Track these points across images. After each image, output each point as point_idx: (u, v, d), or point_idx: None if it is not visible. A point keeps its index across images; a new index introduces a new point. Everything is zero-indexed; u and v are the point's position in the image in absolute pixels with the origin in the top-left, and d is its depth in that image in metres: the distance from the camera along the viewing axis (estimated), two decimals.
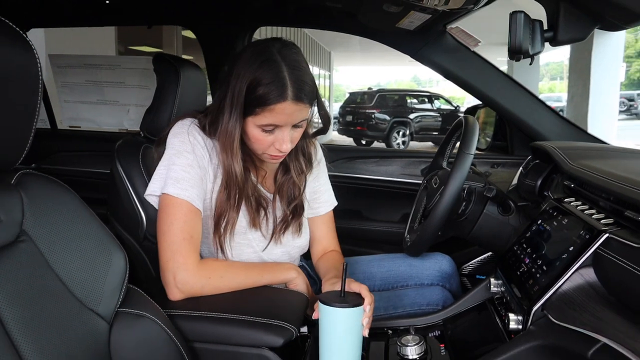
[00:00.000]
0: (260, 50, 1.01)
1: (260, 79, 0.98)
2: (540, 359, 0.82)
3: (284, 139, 1.03)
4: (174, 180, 1.03)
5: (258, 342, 0.93)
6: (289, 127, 1.04)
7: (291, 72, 0.98)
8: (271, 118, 1.00)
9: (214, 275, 1.04)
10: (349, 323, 0.92)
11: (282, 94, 0.98)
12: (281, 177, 1.18)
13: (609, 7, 0.85)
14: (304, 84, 1.00)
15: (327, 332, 0.93)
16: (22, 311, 0.70)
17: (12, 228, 0.74)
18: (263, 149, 1.06)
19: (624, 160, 1.16)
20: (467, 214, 1.26)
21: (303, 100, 1.00)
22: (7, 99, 0.68)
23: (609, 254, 0.78)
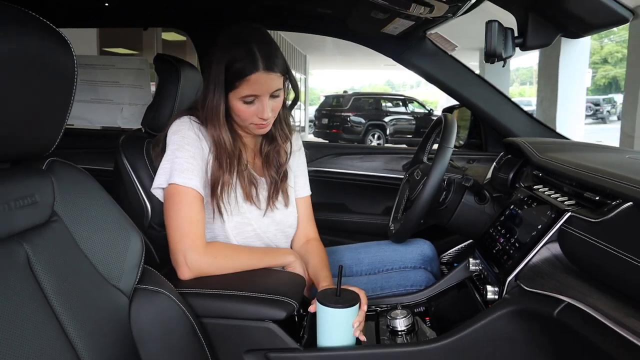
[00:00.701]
0: (232, 35, 1.15)
1: (235, 56, 1.12)
2: (515, 322, 0.94)
3: (264, 107, 1.15)
4: (179, 172, 1.12)
5: (263, 315, 1.02)
6: (267, 97, 1.16)
7: (260, 47, 1.12)
8: (248, 89, 1.13)
9: (220, 255, 1.13)
10: (344, 321, 1.03)
11: (255, 65, 1.11)
12: (267, 146, 1.29)
13: (570, 18, 0.98)
14: (273, 56, 1.14)
15: (323, 330, 1.04)
16: (59, 283, 0.78)
17: (45, 209, 0.82)
18: (248, 120, 1.18)
19: (584, 152, 1.30)
20: (447, 203, 1.38)
21: (274, 69, 1.13)
22: (47, 92, 0.76)
23: (572, 230, 0.91)
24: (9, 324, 0.67)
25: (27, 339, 0.69)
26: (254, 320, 1.04)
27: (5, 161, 0.79)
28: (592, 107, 19.93)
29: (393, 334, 1.12)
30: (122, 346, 0.86)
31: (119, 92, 2.14)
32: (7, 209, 0.74)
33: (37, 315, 0.72)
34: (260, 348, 1.04)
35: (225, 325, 1.04)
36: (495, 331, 0.95)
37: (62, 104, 0.81)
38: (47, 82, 0.75)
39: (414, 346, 1.02)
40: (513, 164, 1.43)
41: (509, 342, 0.95)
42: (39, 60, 0.72)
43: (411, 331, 1.12)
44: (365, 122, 12.27)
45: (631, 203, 0.81)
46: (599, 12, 0.93)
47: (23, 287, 0.72)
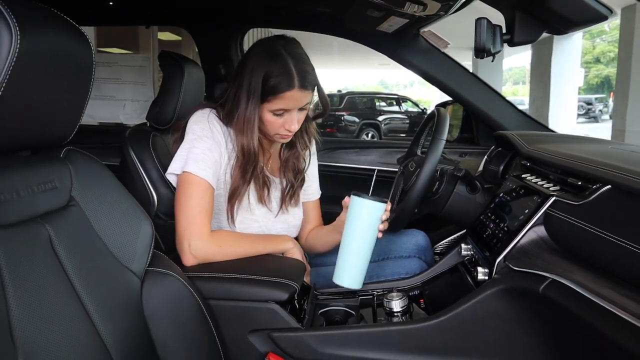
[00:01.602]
0: (268, 47, 1.19)
1: (271, 72, 1.15)
2: (503, 300, 1.00)
3: (293, 121, 1.21)
4: (194, 161, 1.17)
5: (266, 297, 1.08)
6: (296, 110, 1.22)
7: (296, 64, 1.17)
8: (282, 104, 1.18)
9: (224, 244, 1.19)
10: (372, 215, 1.13)
11: (290, 84, 1.16)
12: (287, 152, 1.36)
13: (553, 15, 1.05)
14: (307, 74, 1.18)
15: (353, 220, 1.14)
16: (78, 262, 0.83)
17: (64, 194, 0.87)
18: (275, 131, 1.24)
19: (569, 143, 1.36)
20: (440, 192, 1.44)
21: (307, 87, 1.18)
22: (68, 85, 0.82)
23: (556, 213, 0.97)
24: (38, 298, 0.73)
25: (53, 312, 0.74)
26: (258, 302, 1.09)
27: (27, 149, 0.84)
28: (584, 106, 20.04)
29: (390, 315, 1.18)
30: (134, 324, 0.92)
31: (121, 89, 2.19)
32: (31, 193, 0.79)
33: (61, 291, 0.78)
34: (263, 328, 1.10)
35: (230, 307, 1.10)
36: (485, 309, 1.01)
37: (81, 96, 0.86)
38: (68, 75, 0.81)
39: (409, 324, 1.08)
40: (503, 157, 1.50)
41: (498, 319, 1.01)
42: (62, 55, 0.77)
43: (407, 312, 1.18)
44: (359, 121, 12.33)
45: (610, 186, 0.87)
46: (580, 10, 0.99)
47: (47, 265, 0.78)
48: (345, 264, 1.16)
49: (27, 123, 0.77)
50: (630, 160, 1.05)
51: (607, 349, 0.78)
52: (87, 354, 0.77)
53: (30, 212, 0.78)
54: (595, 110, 20.66)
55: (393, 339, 1.06)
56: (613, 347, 0.73)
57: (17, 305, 0.69)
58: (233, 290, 1.10)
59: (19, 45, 0.67)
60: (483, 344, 1.03)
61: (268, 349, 1.09)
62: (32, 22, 0.71)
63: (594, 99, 21.50)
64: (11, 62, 0.67)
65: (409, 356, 1.05)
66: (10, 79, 0.67)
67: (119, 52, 6.61)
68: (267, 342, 1.10)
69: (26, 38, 0.68)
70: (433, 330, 1.04)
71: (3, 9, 0.67)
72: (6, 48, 0.67)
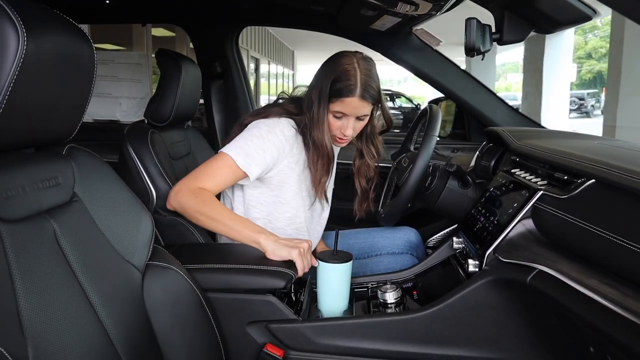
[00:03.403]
0: (345, 59, 1.31)
1: (340, 77, 1.28)
2: (493, 290, 1.04)
3: (348, 126, 1.33)
4: (245, 154, 1.26)
5: (264, 285, 1.11)
6: (353, 118, 1.32)
7: (362, 76, 1.28)
8: (341, 107, 1.30)
9: (201, 197, 1.23)
10: (341, 275, 1.17)
11: (352, 91, 1.27)
12: (358, 161, 1.49)
13: (541, 15, 1.09)
14: (370, 88, 1.29)
15: (324, 282, 1.16)
16: (82, 256, 0.86)
17: (67, 190, 0.89)
18: (333, 133, 1.36)
19: (557, 139, 1.40)
20: (433, 187, 1.48)
21: (367, 99, 1.29)
22: (70, 84, 0.84)
23: (543, 206, 1.01)
24: (45, 290, 0.75)
25: (60, 305, 0.77)
26: (255, 294, 1.12)
27: (31, 147, 0.86)
28: (576, 101, 20.15)
29: (383, 306, 1.21)
30: (136, 316, 0.94)
31: (117, 86, 2.21)
32: (36, 189, 0.82)
33: (66, 284, 0.81)
34: (261, 320, 1.13)
35: (229, 299, 1.13)
36: (476, 299, 1.05)
37: (83, 95, 0.88)
38: (72, 75, 0.83)
39: (402, 315, 1.11)
40: (495, 152, 1.53)
41: (487, 309, 1.05)
42: (66, 56, 0.80)
43: (400, 304, 1.22)
44: None
45: (594, 180, 0.91)
46: (566, 11, 1.03)
47: (53, 259, 0.80)
48: (326, 307, 1.22)
49: (32, 122, 0.79)
50: (614, 155, 1.09)
51: (590, 335, 0.82)
52: (92, 346, 0.80)
53: (36, 208, 0.81)
54: (587, 106, 20.76)
55: (387, 329, 1.10)
56: (596, 333, 0.77)
57: (26, 297, 0.71)
58: (231, 281, 1.13)
59: (26, 46, 0.69)
60: (474, 333, 1.07)
61: (266, 340, 1.13)
62: (37, 23, 0.73)
63: (586, 94, 21.59)
64: (18, 63, 0.69)
65: (403, 345, 1.09)
66: (17, 79, 0.70)
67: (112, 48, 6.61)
68: (264, 333, 1.13)
69: (32, 39, 0.71)
70: (426, 320, 1.08)
71: (10, 12, 0.69)
72: (13, 50, 0.69)
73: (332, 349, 1.11)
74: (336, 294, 1.20)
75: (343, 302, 1.21)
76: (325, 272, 1.19)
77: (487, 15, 1.40)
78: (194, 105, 1.60)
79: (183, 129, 1.66)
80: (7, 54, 0.69)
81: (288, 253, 1.14)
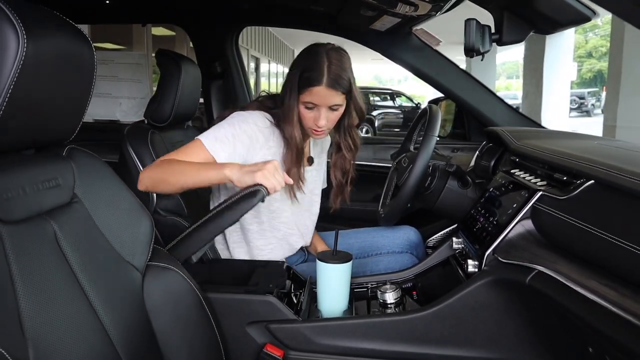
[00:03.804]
0: (314, 49, 1.33)
1: (308, 67, 1.29)
2: (492, 291, 1.04)
3: (321, 116, 1.31)
4: (214, 138, 1.26)
5: (240, 212, 1.10)
6: (325, 108, 1.31)
7: (330, 66, 1.27)
8: (310, 97, 1.30)
9: (163, 164, 1.22)
10: (340, 275, 1.16)
11: (319, 80, 1.27)
12: (335, 154, 1.49)
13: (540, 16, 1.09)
14: (339, 77, 1.29)
15: (324, 282, 1.15)
16: (82, 257, 0.86)
17: (67, 191, 0.90)
18: (308, 124, 1.35)
19: (556, 139, 1.40)
20: (432, 188, 1.48)
21: (335, 88, 1.28)
22: (70, 85, 0.84)
23: (543, 207, 1.01)
24: (45, 291, 0.76)
25: (60, 305, 0.77)
26: (255, 294, 1.13)
27: (31, 148, 0.86)
28: (577, 100, 20.11)
29: (383, 306, 1.22)
30: (136, 317, 0.94)
31: (117, 86, 2.21)
32: (36, 190, 0.82)
33: (67, 285, 0.81)
34: (261, 320, 1.13)
35: (229, 299, 1.13)
36: (475, 300, 1.05)
37: (83, 96, 0.88)
38: (72, 76, 0.83)
39: (402, 315, 1.12)
40: (494, 152, 1.53)
41: (487, 309, 1.05)
42: (66, 57, 0.80)
43: (400, 304, 1.22)
44: None
45: (593, 181, 0.91)
46: (565, 11, 1.03)
47: (53, 260, 0.81)
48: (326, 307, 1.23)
49: (32, 123, 0.80)
50: (614, 156, 1.09)
51: (590, 335, 0.82)
52: (93, 346, 0.80)
53: (36, 209, 0.81)
54: (587, 105, 20.73)
55: (387, 330, 1.10)
56: (594, 333, 0.77)
57: (26, 298, 0.72)
58: (210, 231, 1.12)
59: (26, 48, 0.70)
60: (473, 333, 1.07)
61: (266, 340, 1.13)
62: (37, 25, 0.73)
63: (587, 93, 21.56)
64: (18, 65, 0.69)
65: (402, 346, 1.09)
66: (17, 81, 0.70)
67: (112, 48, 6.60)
68: (264, 333, 1.13)
69: (32, 41, 0.71)
70: (425, 320, 1.08)
71: (10, 13, 0.69)
72: (13, 51, 0.69)
73: (332, 349, 1.12)
74: (336, 294, 1.20)
75: (343, 302, 1.21)
76: (325, 273, 1.19)
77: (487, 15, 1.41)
78: (193, 105, 1.60)
79: (183, 129, 1.66)
80: (7, 56, 0.69)
81: (252, 178, 1.12)
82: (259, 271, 1.24)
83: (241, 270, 1.25)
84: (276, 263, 1.31)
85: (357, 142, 1.51)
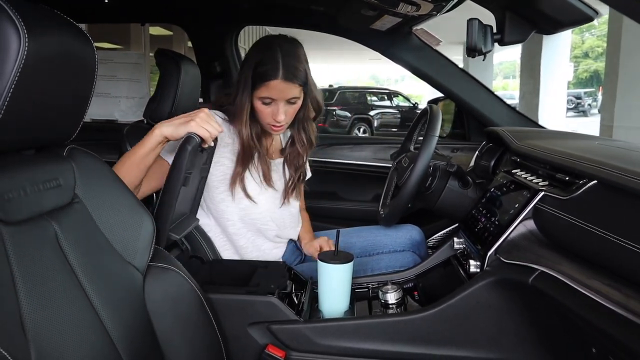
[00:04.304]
0: (265, 41, 1.28)
1: (262, 59, 1.25)
2: (494, 291, 1.04)
3: (279, 111, 1.28)
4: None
5: (182, 161, 1.08)
6: (283, 102, 1.28)
7: (284, 58, 1.24)
8: (267, 92, 1.26)
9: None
10: (342, 275, 1.16)
11: (275, 73, 1.23)
12: (288, 148, 1.44)
13: (542, 16, 1.09)
14: (295, 69, 1.25)
15: (325, 282, 1.15)
16: (83, 258, 0.86)
17: (68, 191, 0.89)
18: (265, 120, 1.31)
19: (557, 139, 1.40)
20: (433, 187, 1.48)
21: (292, 80, 1.25)
22: (71, 85, 0.84)
23: (545, 207, 1.01)
24: (46, 292, 0.75)
25: (62, 306, 0.77)
26: (257, 295, 1.12)
27: (31, 148, 0.86)
28: (573, 100, 20.15)
29: (385, 307, 1.21)
30: (138, 318, 0.94)
31: (116, 86, 2.21)
32: (37, 191, 0.81)
33: (68, 286, 0.80)
34: (262, 321, 1.13)
35: (230, 300, 1.13)
36: (477, 300, 1.05)
37: (84, 96, 0.88)
38: (73, 76, 0.83)
39: (404, 316, 1.12)
40: (494, 152, 1.53)
41: (489, 310, 1.05)
42: (67, 57, 0.79)
43: (401, 304, 1.22)
44: (351, 116, 12.34)
45: (595, 182, 0.91)
46: (567, 11, 1.03)
47: (54, 261, 0.80)
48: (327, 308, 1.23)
49: (33, 123, 0.79)
50: (616, 156, 1.09)
51: (592, 336, 0.82)
52: (94, 347, 0.80)
53: (37, 209, 0.80)
54: (584, 105, 20.78)
55: (388, 330, 1.10)
56: (598, 333, 0.77)
57: (28, 299, 0.71)
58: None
59: (27, 47, 0.69)
60: (475, 333, 1.07)
61: (267, 341, 1.13)
62: (38, 24, 0.73)
63: (583, 93, 21.61)
64: (19, 65, 0.69)
65: (404, 346, 1.09)
66: (18, 81, 0.69)
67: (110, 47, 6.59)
68: (266, 334, 1.13)
69: (33, 41, 0.70)
70: (427, 321, 1.08)
71: (11, 13, 0.69)
72: (14, 51, 0.69)
73: (333, 349, 1.11)
74: (337, 294, 1.20)
75: (344, 302, 1.21)
76: (326, 273, 1.19)
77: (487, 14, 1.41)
78: (193, 105, 1.59)
79: None
80: (8, 56, 0.69)
81: (186, 128, 1.10)
82: (260, 272, 1.23)
83: (242, 271, 1.25)
84: (277, 263, 1.31)
85: (312, 137, 1.46)
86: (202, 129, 1.10)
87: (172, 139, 1.14)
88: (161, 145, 1.17)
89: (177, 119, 1.13)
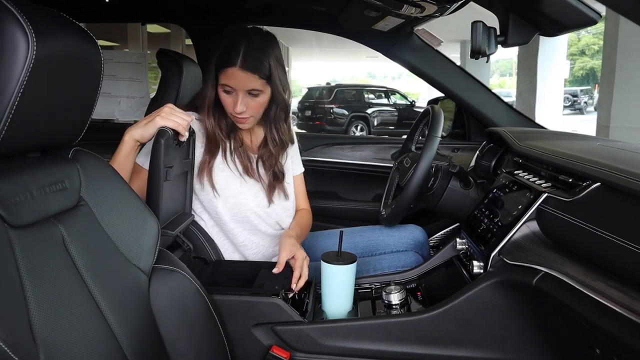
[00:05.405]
0: (235, 32, 1.27)
1: (225, 49, 1.25)
2: (498, 292, 1.04)
3: (238, 101, 1.26)
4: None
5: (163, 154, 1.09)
6: (243, 92, 1.26)
7: (247, 48, 1.23)
8: (226, 79, 1.25)
9: None
10: (345, 276, 1.16)
11: (233, 61, 1.22)
12: (262, 148, 1.42)
13: (545, 19, 1.09)
14: (255, 60, 1.24)
15: (329, 283, 1.15)
16: (89, 261, 0.86)
17: (74, 194, 0.89)
18: (228, 110, 1.30)
19: (559, 140, 1.41)
20: (435, 188, 1.48)
21: (252, 70, 1.23)
22: (77, 87, 0.84)
23: (548, 209, 1.02)
24: (54, 296, 0.75)
25: (69, 309, 0.77)
26: (261, 296, 1.13)
27: (37, 151, 0.86)
28: (570, 98, 20.21)
29: (388, 307, 1.22)
30: (143, 320, 0.94)
31: (116, 85, 2.20)
32: (43, 194, 0.81)
33: (75, 289, 0.80)
34: (267, 322, 1.13)
35: (235, 301, 1.13)
36: (481, 301, 1.06)
37: (90, 98, 0.88)
38: (79, 78, 0.83)
39: (407, 317, 1.12)
40: (495, 152, 1.54)
41: (493, 311, 1.05)
42: (74, 59, 0.79)
43: (405, 305, 1.22)
44: (349, 114, 12.33)
45: (599, 183, 0.92)
46: (571, 15, 1.04)
47: (61, 264, 0.80)
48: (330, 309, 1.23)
49: (40, 126, 0.79)
50: (618, 158, 1.10)
51: (596, 337, 0.82)
52: (102, 351, 0.80)
53: (44, 213, 0.80)
54: (580, 102, 20.83)
55: (392, 331, 1.11)
56: (602, 335, 0.78)
57: (37, 303, 0.71)
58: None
59: (35, 51, 0.69)
60: (479, 334, 1.08)
61: (272, 342, 1.13)
62: (46, 27, 0.73)
63: (579, 91, 21.67)
64: (28, 68, 0.69)
65: (408, 347, 1.10)
66: (27, 84, 0.69)
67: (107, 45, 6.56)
68: (270, 335, 1.13)
69: (41, 44, 0.70)
70: (431, 321, 1.09)
71: (19, 16, 0.68)
72: (23, 54, 0.69)
73: (337, 350, 1.12)
74: (340, 295, 1.20)
75: (347, 303, 1.22)
76: (329, 274, 1.19)
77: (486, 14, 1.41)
78: None
79: None
80: (17, 59, 0.69)
81: (154, 125, 1.11)
82: (264, 272, 1.24)
83: (246, 272, 1.25)
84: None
85: (285, 137, 1.43)
86: (170, 121, 1.11)
87: (144, 141, 1.14)
88: (134, 151, 1.16)
89: (143, 120, 1.14)
